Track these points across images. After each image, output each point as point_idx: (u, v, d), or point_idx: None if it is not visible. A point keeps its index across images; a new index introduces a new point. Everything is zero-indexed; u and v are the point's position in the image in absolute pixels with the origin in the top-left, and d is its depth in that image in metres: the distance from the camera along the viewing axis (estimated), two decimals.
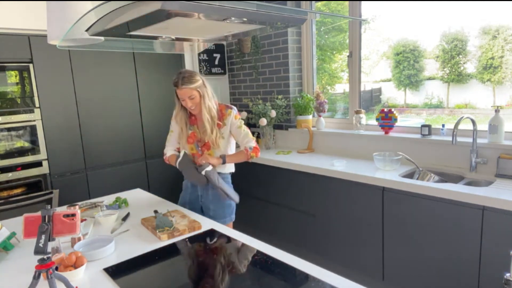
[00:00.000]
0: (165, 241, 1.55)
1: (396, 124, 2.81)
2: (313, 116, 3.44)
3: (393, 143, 2.77)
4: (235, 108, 2.10)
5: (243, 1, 1.15)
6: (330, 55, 3.78)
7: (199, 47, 2.12)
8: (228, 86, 4.21)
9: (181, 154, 2.02)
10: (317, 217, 2.76)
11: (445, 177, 2.41)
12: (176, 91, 1.95)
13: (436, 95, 3.79)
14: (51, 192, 2.86)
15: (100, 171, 3.22)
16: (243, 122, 2.10)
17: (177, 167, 2.04)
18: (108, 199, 2.17)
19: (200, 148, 2.06)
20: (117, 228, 1.74)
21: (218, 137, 2.01)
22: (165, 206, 2.05)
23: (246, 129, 2.08)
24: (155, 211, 1.85)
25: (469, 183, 2.24)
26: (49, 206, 1.13)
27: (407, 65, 3.89)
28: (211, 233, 1.64)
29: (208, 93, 2.00)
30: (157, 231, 1.60)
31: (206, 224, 1.74)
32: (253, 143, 2.07)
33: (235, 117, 2.06)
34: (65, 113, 3.01)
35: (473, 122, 2.30)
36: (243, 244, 1.49)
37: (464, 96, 3.52)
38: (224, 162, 2.04)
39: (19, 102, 2.79)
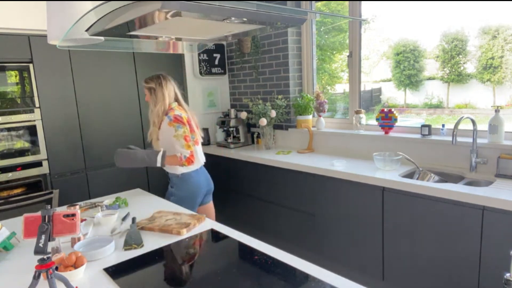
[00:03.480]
0: (165, 242, 1.55)
1: (396, 124, 2.81)
2: (313, 116, 3.44)
3: (393, 143, 2.77)
4: (170, 116, 2.24)
5: (243, 1, 1.15)
6: (330, 55, 3.78)
7: (199, 47, 2.12)
8: (228, 86, 4.21)
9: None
10: (317, 217, 2.76)
11: (445, 177, 2.41)
12: None
13: (436, 95, 3.80)
14: (51, 192, 2.87)
15: (100, 171, 3.22)
16: (182, 131, 2.22)
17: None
18: (108, 199, 2.17)
19: None
20: (117, 228, 1.74)
21: (154, 138, 2.32)
22: (165, 206, 2.05)
23: (182, 140, 2.21)
24: (133, 219, 1.73)
25: (469, 183, 2.24)
26: (49, 206, 1.13)
27: (407, 65, 3.90)
28: (211, 233, 1.64)
29: (156, 99, 2.30)
30: (123, 248, 1.49)
31: (206, 224, 1.74)
32: (187, 153, 2.20)
33: (168, 124, 2.23)
34: (65, 113, 3.01)
35: (473, 122, 2.30)
36: (243, 244, 1.49)
37: (464, 96, 3.52)
38: (163, 156, 2.19)
39: (19, 102, 2.79)
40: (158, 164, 2.17)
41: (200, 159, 2.44)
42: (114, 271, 1.31)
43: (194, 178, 2.37)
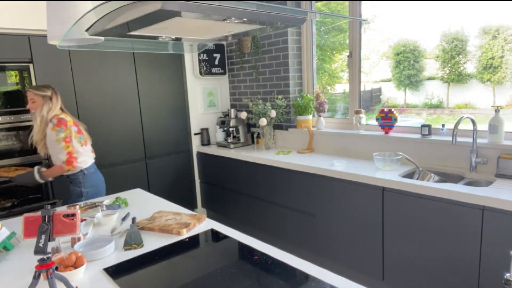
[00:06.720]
0: (165, 242, 1.55)
1: (396, 124, 2.81)
2: (313, 116, 3.44)
3: (393, 143, 2.77)
4: (53, 121, 2.35)
5: (243, 1, 1.15)
6: (330, 55, 3.78)
7: (199, 47, 2.12)
8: (228, 86, 4.21)
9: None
10: (317, 217, 2.76)
11: (445, 177, 2.41)
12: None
13: (436, 95, 3.80)
14: (55, 203, 2.84)
15: (100, 171, 3.21)
16: (63, 135, 2.34)
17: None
18: (108, 199, 2.17)
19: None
20: (117, 228, 1.74)
21: (42, 144, 2.42)
22: (165, 206, 2.05)
23: (61, 143, 2.33)
24: (133, 219, 1.73)
25: (469, 183, 2.24)
26: (49, 206, 1.13)
27: (407, 65, 3.90)
28: (211, 233, 1.64)
29: (51, 106, 2.39)
30: (123, 248, 1.50)
31: (206, 224, 1.74)
32: (64, 155, 2.34)
33: (52, 128, 2.34)
34: None
35: (473, 122, 2.30)
36: (243, 244, 1.49)
37: (464, 96, 3.52)
38: (40, 176, 2.40)
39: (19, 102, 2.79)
40: (40, 180, 2.39)
41: (88, 159, 2.56)
42: (114, 271, 1.31)
43: (95, 173, 2.59)
